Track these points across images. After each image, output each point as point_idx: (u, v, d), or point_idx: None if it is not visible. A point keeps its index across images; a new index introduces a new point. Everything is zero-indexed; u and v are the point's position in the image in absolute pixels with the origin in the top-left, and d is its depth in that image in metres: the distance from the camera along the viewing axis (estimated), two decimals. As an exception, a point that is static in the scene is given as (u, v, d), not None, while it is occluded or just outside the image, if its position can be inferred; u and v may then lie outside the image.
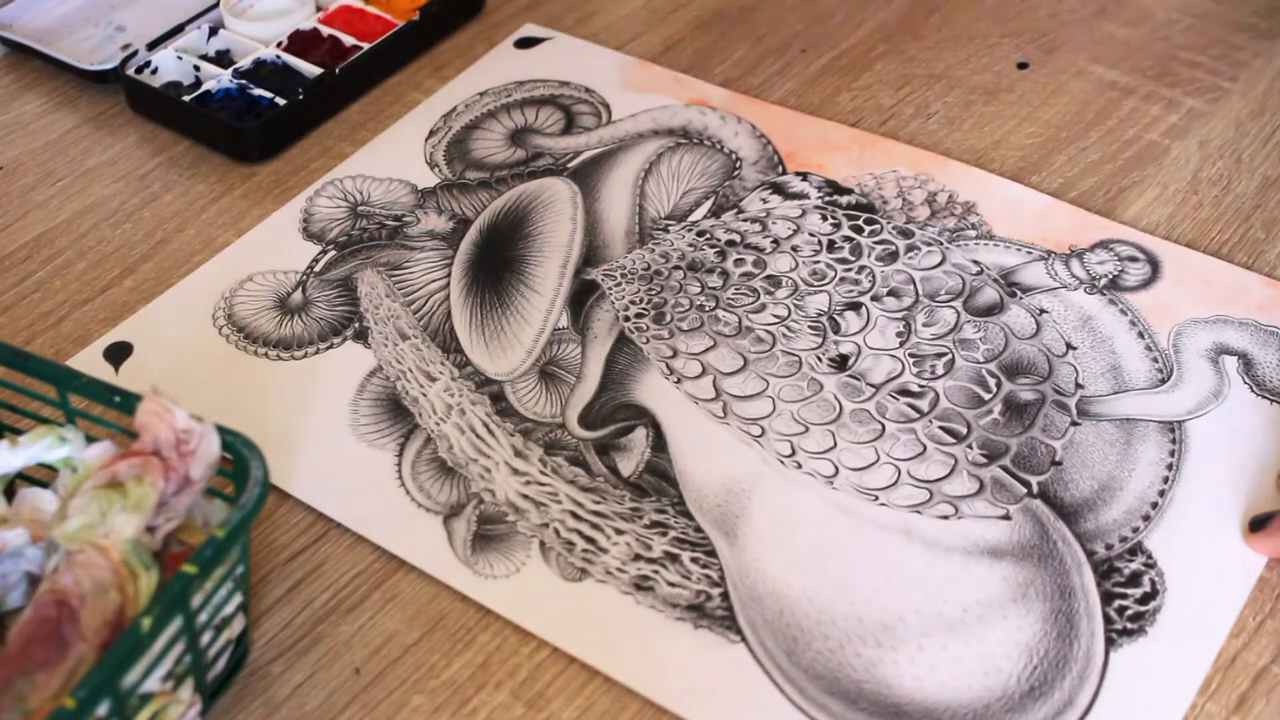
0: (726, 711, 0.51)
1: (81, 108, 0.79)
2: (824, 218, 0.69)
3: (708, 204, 0.71)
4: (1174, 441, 0.59)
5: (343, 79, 0.78)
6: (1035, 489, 0.58)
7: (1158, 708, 0.51)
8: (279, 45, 0.79)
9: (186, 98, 0.76)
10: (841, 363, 0.63)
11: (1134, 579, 0.55)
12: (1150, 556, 0.55)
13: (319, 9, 0.82)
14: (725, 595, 0.55)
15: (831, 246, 0.68)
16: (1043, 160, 0.73)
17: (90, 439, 0.52)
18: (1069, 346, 0.63)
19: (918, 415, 0.60)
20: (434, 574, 0.56)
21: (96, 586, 0.46)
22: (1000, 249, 0.67)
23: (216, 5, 0.81)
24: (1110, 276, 0.66)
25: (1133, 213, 0.70)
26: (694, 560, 0.56)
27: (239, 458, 0.49)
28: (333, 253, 0.70)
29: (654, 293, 0.66)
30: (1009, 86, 0.78)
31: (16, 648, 0.46)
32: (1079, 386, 0.61)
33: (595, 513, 0.58)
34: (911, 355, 0.63)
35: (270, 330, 0.66)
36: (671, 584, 0.55)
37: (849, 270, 0.67)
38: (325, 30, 0.80)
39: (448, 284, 0.68)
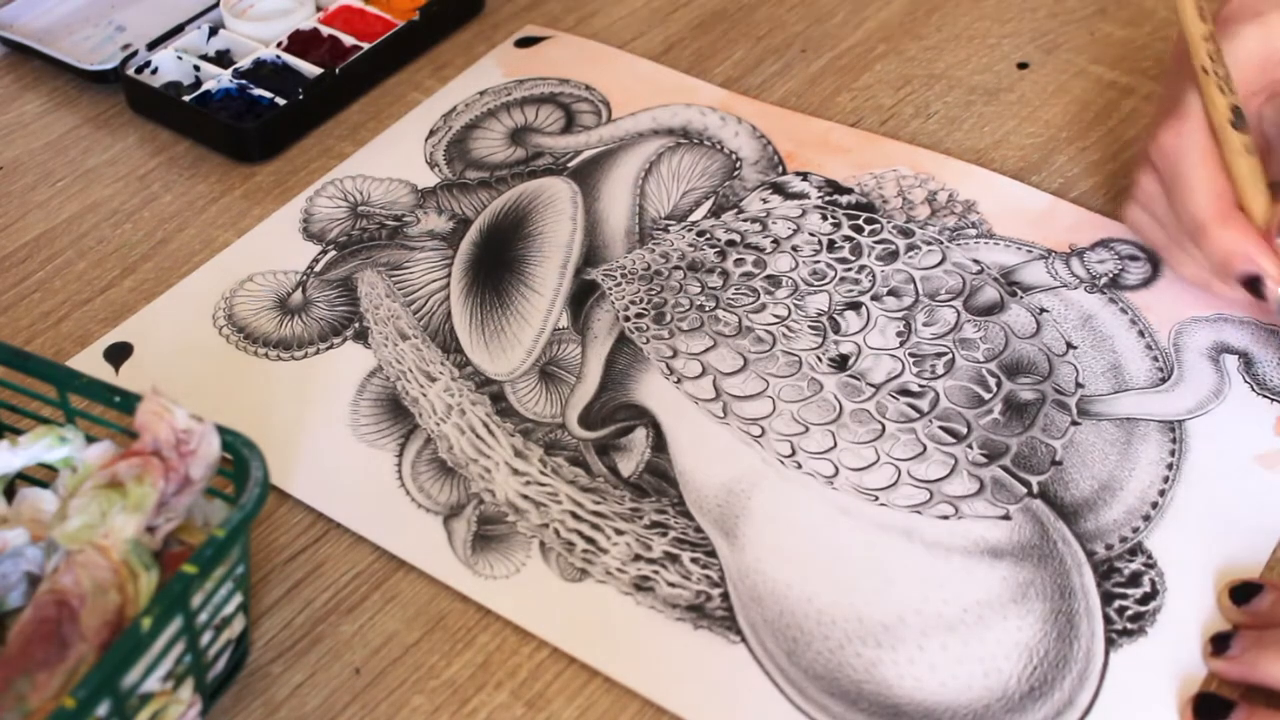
0: (726, 711, 0.51)
1: (81, 108, 0.79)
2: (824, 217, 0.69)
3: (708, 204, 0.71)
4: (1174, 441, 0.59)
5: (343, 79, 0.78)
6: (1035, 489, 0.58)
7: (1158, 708, 0.51)
8: (279, 45, 0.79)
9: (186, 98, 0.76)
10: (841, 363, 0.63)
11: (1134, 579, 0.55)
12: (1150, 556, 0.55)
13: (319, 9, 0.82)
14: (725, 595, 0.55)
15: (831, 246, 0.68)
16: (1043, 160, 0.73)
17: (90, 439, 0.52)
18: (1069, 346, 0.63)
19: (918, 415, 0.60)
20: (434, 574, 0.56)
21: (96, 586, 0.46)
22: (1000, 248, 0.67)
23: (216, 5, 0.81)
24: (1111, 275, 0.66)
25: (1133, 212, 0.70)
26: (694, 560, 0.56)
27: (239, 458, 0.49)
28: (333, 253, 0.70)
29: (654, 293, 0.66)
30: (1009, 86, 0.78)
31: (16, 648, 0.46)
32: (1079, 386, 0.61)
33: (595, 513, 0.58)
34: (911, 355, 0.63)
35: (270, 330, 0.66)
36: (671, 584, 0.55)
37: (849, 270, 0.67)
38: (325, 30, 0.80)
39: (448, 284, 0.68)
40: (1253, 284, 0.58)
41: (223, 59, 0.80)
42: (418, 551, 0.57)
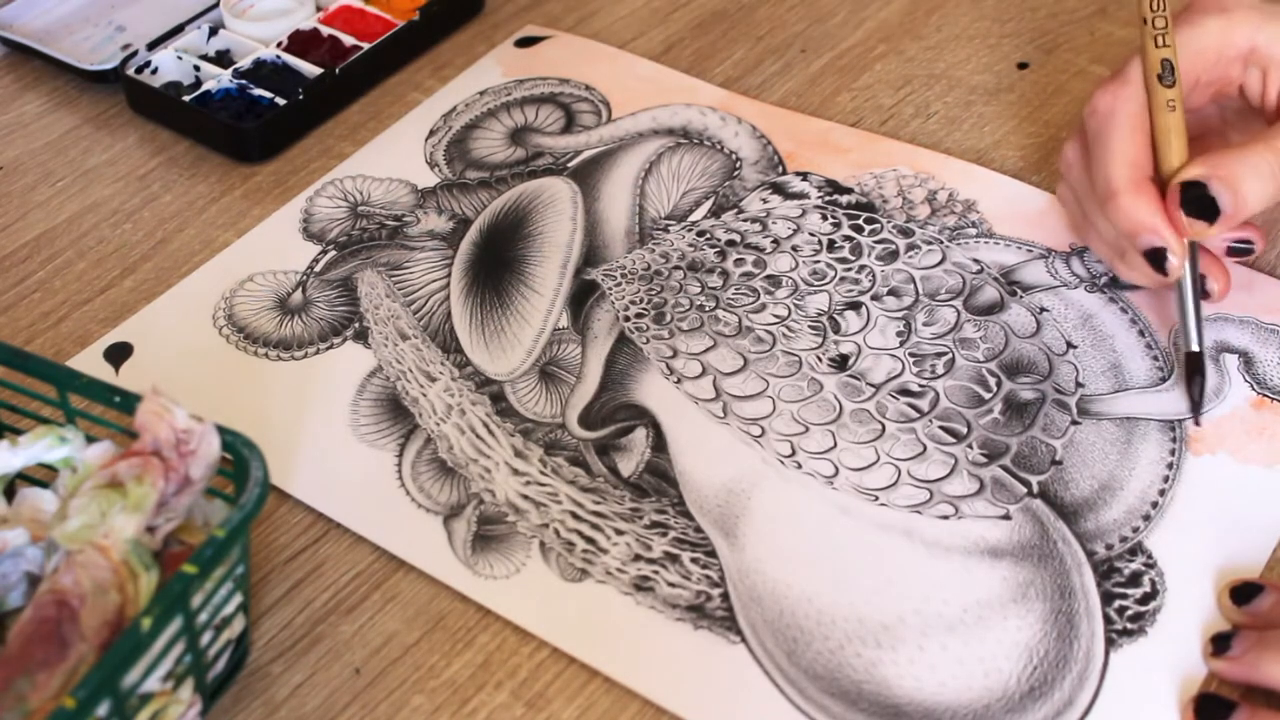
0: (726, 712, 0.51)
1: (81, 108, 0.79)
2: (824, 217, 0.69)
3: (708, 204, 0.71)
4: (1174, 440, 0.59)
5: (343, 79, 0.78)
6: (1035, 489, 0.58)
7: (1158, 708, 0.51)
8: (279, 45, 0.79)
9: (186, 98, 0.76)
10: (841, 362, 0.63)
11: (1134, 579, 0.55)
12: (1150, 556, 0.55)
13: (319, 9, 0.82)
14: (725, 596, 0.55)
15: (831, 246, 0.68)
16: (1043, 160, 0.73)
17: (90, 439, 0.52)
18: (1069, 345, 0.63)
19: (918, 415, 0.60)
20: (434, 574, 0.56)
21: (96, 586, 0.46)
22: (1000, 247, 0.67)
23: (216, 5, 0.81)
24: (1111, 274, 0.66)
25: (1133, 212, 0.70)
26: (694, 560, 0.56)
27: (239, 458, 0.49)
28: (333, 253, 0.70)
29: (654, 293, 0.66)
30: (1009, 86, 0.78)
31: (16, 648, 0.46)
32: (1079, 385, 0.61)
33: (595, 513, 0.58)
34: (911, 355, 0.63)
35: (270, 330, 0.66)
36: (671, 584, 0.55)
37: (849, 270, 0.67)
38: (325, 30, 0.80)
39: (448, 284, 0.68)
40: (1155, 257, 0.59)
41: (223, 59, 0.80)
42: (418, 551, 0.57)
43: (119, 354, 0.65)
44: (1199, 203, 0.58)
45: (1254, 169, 0.58)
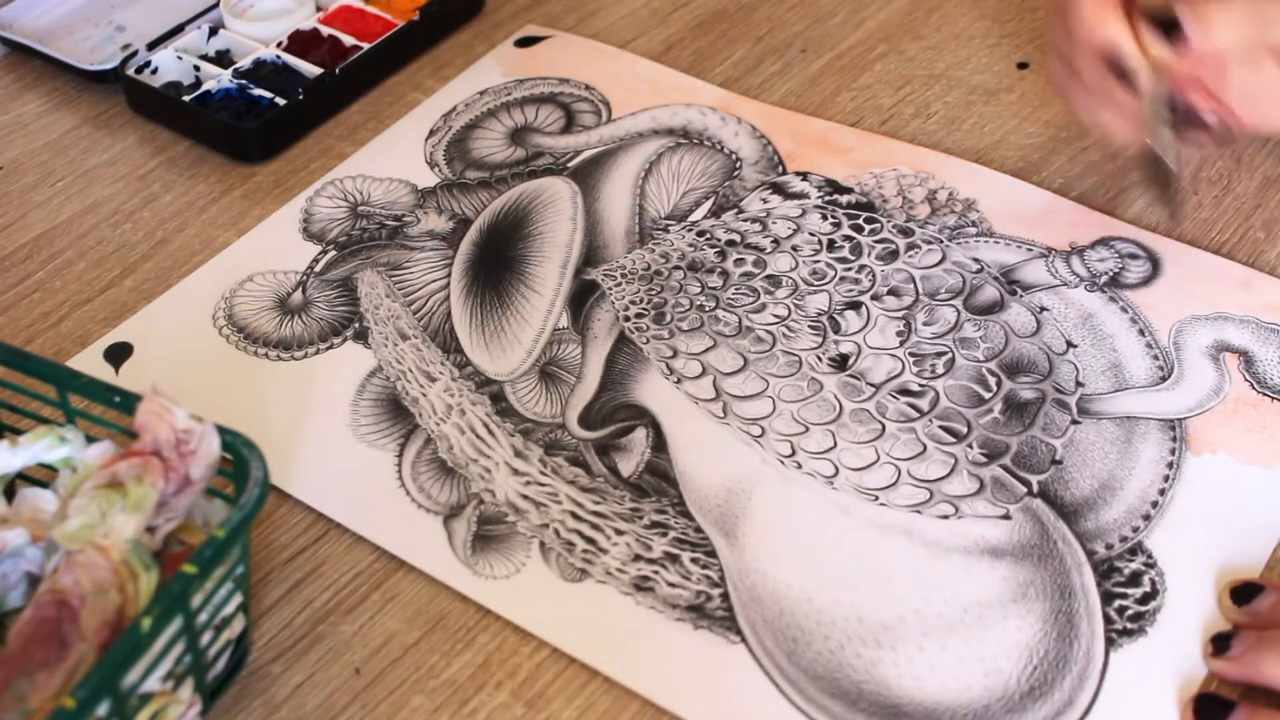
0: (726, 712, 0.51)
1: (81, 108, 0.79)
2: (824, 217, 0.69)
3: (708, 204, 0.71)
4: (1174, 440, 0.59)
5: (343, 79, 0.78)
6: (1035, 488, 0.58)
7: (1158, 708, 0.51)
8: (279, 45, 0.79)
9: (186, 98, 0.76)
10: (841, 362, 0.63)
11: (1134, 579, 0.54)
12: (1150, 556, 0.55)
13: (319, 9, 0.82)
14: (725, 596, 0.55)
15: (831, 246, 0.68)
16: (1043, 160, 0.73)
17: (90, 439, 0.52)
18: (1069, 344, 0.63)
19: (918, 415, 0.60)
20: (434, 574, 0.56)
21: (96, 586, 0.46)
22: (1000, 246, 0.67)
23: (216, 5, 0.81)
24: (1111, 274, 0.66)
25: (1133, 212, 0.70)
26: (694, 561, 0.56)
27: (239, 458, 0.49)
28: (333, 253, 0.70)
29: (654, 293, 0.66)
30: (1009, 86, 0.78)
31: (16, 648, 0.46)
32: (1079, 385, 0.61)
33: (595, 513, 0.58)
34: (912, 354, 0.63)
35: (270, 330, 0.66)
36: (671, 584, 0.55)
37: (849, 269, 0.67)
38: (325, 30, 0.80)
39: (448, 284, 0.68)
40: (1121, 70, 0.59)
41: (223, 59, 0.80)
42: (418, 551, 0.57)
43: (119, 354, 0.65)
44: (1163, 24, 0.57)
45: (1227, 10, 0.57)
